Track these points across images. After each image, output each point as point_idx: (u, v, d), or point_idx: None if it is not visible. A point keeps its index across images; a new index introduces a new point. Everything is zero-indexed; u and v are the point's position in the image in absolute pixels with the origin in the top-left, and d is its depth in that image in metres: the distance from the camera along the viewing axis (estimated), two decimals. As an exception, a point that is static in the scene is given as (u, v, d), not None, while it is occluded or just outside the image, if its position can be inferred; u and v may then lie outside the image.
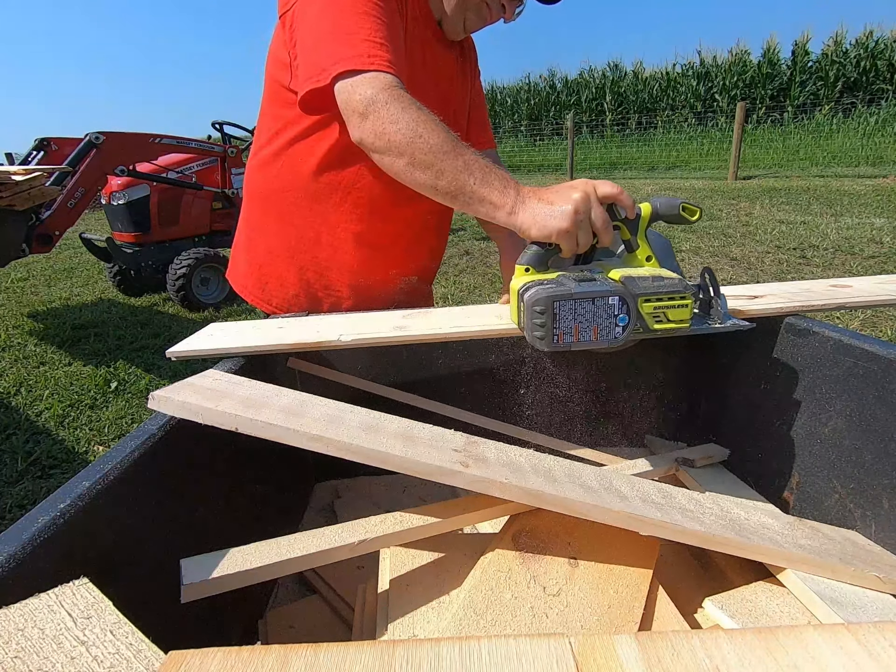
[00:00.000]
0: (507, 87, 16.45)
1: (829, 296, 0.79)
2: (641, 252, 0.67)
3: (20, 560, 0.35)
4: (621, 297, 0.61)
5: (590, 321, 0.61)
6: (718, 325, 0.68)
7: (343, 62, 0.72)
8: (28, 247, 3.18)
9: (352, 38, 0.72)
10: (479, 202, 0.68)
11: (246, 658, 0.32)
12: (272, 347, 0.70)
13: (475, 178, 0.68)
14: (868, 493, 0.63)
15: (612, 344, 0.63)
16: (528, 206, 0.66)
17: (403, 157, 0.69)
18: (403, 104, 0.70)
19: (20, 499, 1.77)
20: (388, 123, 0.69)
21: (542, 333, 0.61)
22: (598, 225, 0.64)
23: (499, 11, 0.90)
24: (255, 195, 1.01)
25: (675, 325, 0.64)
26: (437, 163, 0.68)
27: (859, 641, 0.34)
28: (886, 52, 11.67)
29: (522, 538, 0.55)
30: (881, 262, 3.81)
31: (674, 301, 0.63)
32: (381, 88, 0.70)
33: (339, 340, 0.69)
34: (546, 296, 0.60)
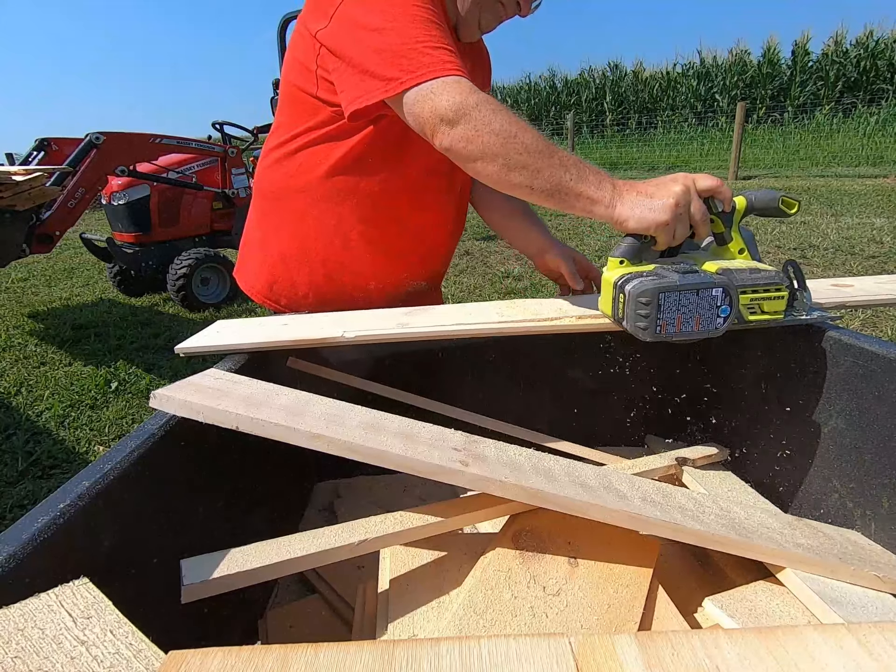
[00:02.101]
0: (507, 87, 16.46)
1: (829, 295, 0.79)
2: (734, 245, 0.68)
3: (20, 560, 0.35)
4: (725, 288, 0.63)
5: (692, 312, 0.63)
6: (805, 317, 0.69)
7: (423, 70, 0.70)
8: (28, 247, 3.18)
9: (424, 46, 0.71)
10: (577, 198, 0.68)
11: (246, 658, 0.32)
12: (277, 343, 0.70)
13: (571, 175, 0.68)
14: (868, 493, 0.63)
15: (713, 334, 0.65)
16: (626, 199, 0.66)
17: (497, 160, 0.69)
18: (493, 106, 0.69)
19: (20, 499, 1.77)
20: (481, 126, 0.68)
21: (646, 324, 0.63)
22: (697, 218, 0.65)
23: (514, 8, 0.88)
24: (268, 194, 1.00)
25: (769, 316, 0.66)
26: (532, 162, 0.68)
27: (859, 641, 0.34)
28: (886, 52, 11.66)
29: (522, 538, 0.55)
30: (881, 261, 3.81)
31: (769, 293, 0.65)
32: (468, 93, 0.69)
33: (342, 337, 0.69)
34: (653, 287, 0.61)
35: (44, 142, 3.54)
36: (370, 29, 0.75)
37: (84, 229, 5.12)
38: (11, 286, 4.81)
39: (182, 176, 3.97)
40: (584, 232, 5.43)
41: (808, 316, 0.69)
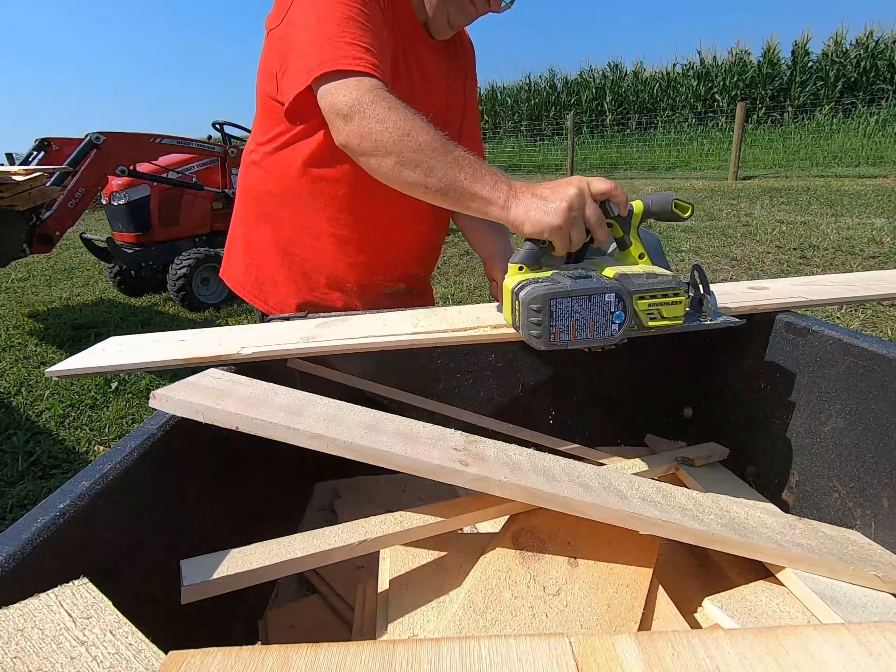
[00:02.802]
0: (507, 87, 16.44)
1: (745, 299, 0.78)
2: (634, 249, 0.67)
3: (20, 560, 0.35)
4: (618, 293, 0.61)
5: (586, 318, 0.61)
6: (709, 322, 0.68)
7: (327, 63, 0.71)
8: (29, 247, 3.18)
9: (336, 41, 0.72)
10: (471, 198, 0.67)
11: (246, 658, 0.32)
12: (164, 363, 0.66)
13: (466, 174, 0.67)
14: (868, 493, 0.63)
15: (608, 341, 0.63)
16: (521, 201, 0.65)
17: (391, 156, 0.68)
18: (390, 104, 0.69)
19: (21, 499, 1.77)
20: (374, 123, 0.68)
21: (539, 332, 0.61)
22: (592, 222, 0.64)
23: (483, 4, 0.87)
24: (247, 196, 1.02)
25: (669, 321, 0.64)
26: (426, 160, 0.67)
27: (860, 641, 0.34)
28: (886, 52, 11.66)
29: (522, 538, 0.55)
30: (881, 261, 3.81)
31: (668, 298, 0.63)
32: (366, 90, 0.70)
33: (238, 354, 0.67)
34: (543, 293, 0.59)
35: (44, 142, 3.54)
36: (299, 27, 0.77)
37: (84, 229, 5.12)
38: (11, 286, 4.82)
39: (182, 176, 3.97)
40: (584, 232, 5.42)
41: (713, 321, 0.68)
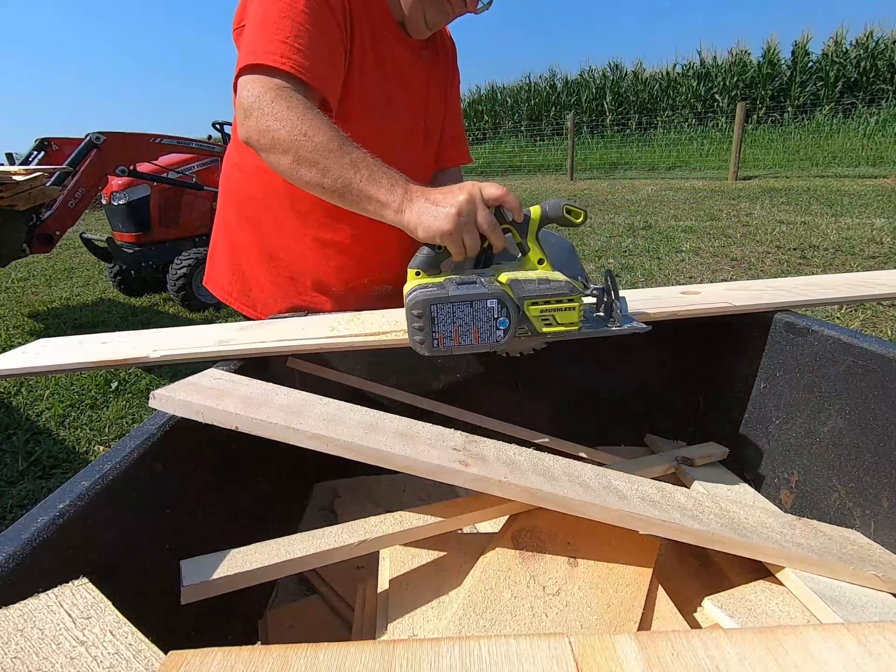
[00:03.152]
0: (507, 87, 16.44)
1: (676, 303, 0.78)
2: (533, 255, 0.65)
3: (20, 560, 0.35)
4: (500, 300, 0.61)
5: (469, 324, 0.61)
6: (615, 328, 0.68)
7: (249, 57, 0.72)
8: (29, 247, 3.18)
9: (268, 38, 0.73)
10: (367, 200, 0.67)
11: (246, 658, 0.32)
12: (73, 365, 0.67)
13: (361, 176, 0.67)
14: (868, 493, 0.63)
15: (494, 347, 0.63)
16: (414, 206, 0.65)
17: (288, 154, 0.69)
18: (290, 102, 0.69)
19: (20, 498, 1.77)
20: (271, 121, 0.69)
21: (422, 337, 0.61)
22: (484, 227, 0.63)
23: (460, 4, 0.87)
24: (229, 201, 1.00)
25: (564, 327, 0.64)
26: (322, 160, 0.67)
27: (859, 641, 0.34)
28: (886, 52, 11.66)
29: (522, 538, 0.55)
30: (881, 262, 3.81)
31: (561, 304, 0.63)
32: (269, 88, 0.70)
33: (148, 357, 0.67)
34: (423, 299, 0.60)
35: (44, 142, 3.54)
36: (247, 23, 0.78)
37: (84, 229, 5.12)
38: (11, 286, 4.81)
39: (182, 176, 3.97)
40: (585, 232, 5.43)
41: (620, 327, 0.68)
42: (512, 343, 0.64)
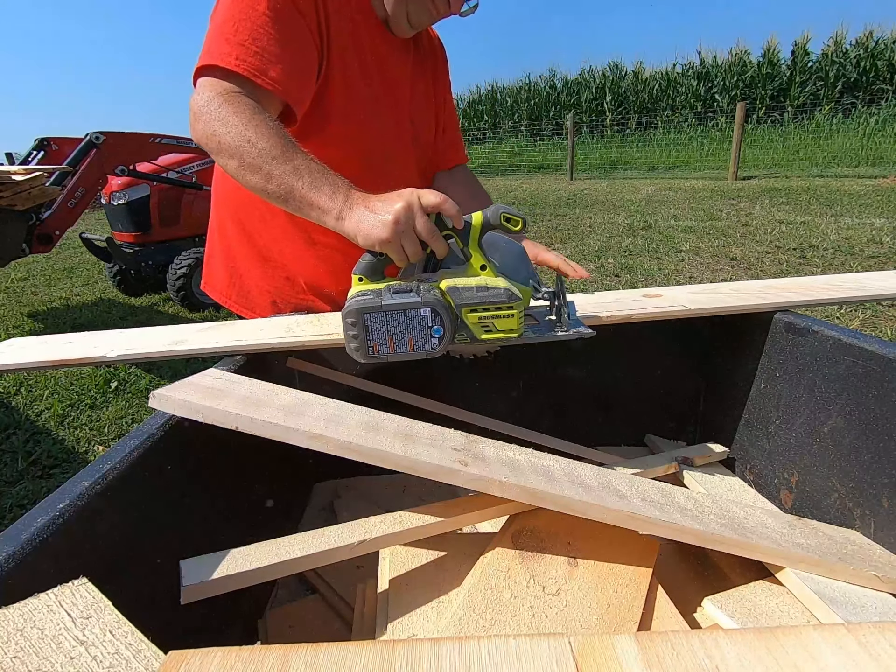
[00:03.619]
0: (507, 87, 16.45)
1: (636, 306, 0.78)
2: (475, 261, 0.65)
3: (20, 560, 0.35)
4: (433, 308, 0.61)
5: (404, 333, 0.62)
6: (561, 334, 0.68)
7: (204, 58, 0.72)
8: (28, 246, 3.18)
9: (227, 40, 0.73)
10: (309, 207, 0.68)
11: (246, 658, 0.32)
12: (33, 364, 0.68)
13: (304, 183, 0.68)
14: (868, 493, 0.63)
15: (430, 355, 0.64)
16: (354, 213, 0.65)
17: (234, 159, 0.70)
18: (236, 108, 0.70)
19: (20, 498, 1.77)
20: (218, 126, 0.70)
21: (357, 345, 0.62)
22: (424, 234, 0.63)
23: (444, 6, 0.87)
24: (223, 204, 1.00)
25: (503, 334, 0.64)
26: (265, 166, 0.68)
27: (859, 641, 0.34)
28: (886, 52, 11.67)
29: (522, 538, 0.55)
30: (881, 261, 3.81)
31: (500, 311, 0.63)
32: (219, 92, 0.71)
33: (105, 357, 0.67)
34: (356, 308, 0.60)
35: (43, 141, 3.54)
36: (211, 19, 0.78)
37: (84, 229, 5.11)
38: (11, 286, 4.81)
39: (182, 176, 3.97)
40: (584, 232, 5.43)
41: (564, 332, 0.68)
42: (455, 348, 0.64)
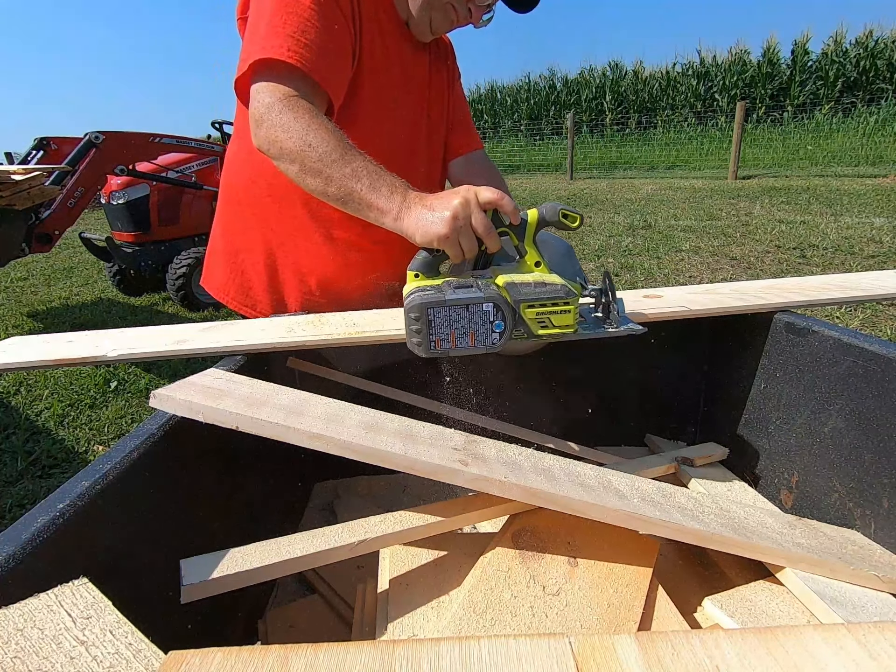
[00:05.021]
0: (506, 87, 16.43)
1: (635, 307, 0.78)
2: (530, 258, 0.66)
3: (20, 560, 0.35)
4: (495, 303, 0.62)
5: (465, 327, 0.62)
6: (612, 330, 0.69)
7: (262, 51, 0.73)
8: (28, 246, 3.17)
9: (277, 32, 0.74)
10: (368, 208, 0.70)
11: (246, 658, 0.32)
12: (39, 363, 0.68)
13: (363, 185, 0.69)
14: (868, 493, 0.63)
15: (491, 350, 0.64)
16: (412, 212, 0.67)
17: (295, 163, 0.72)
18: (297, 113, 0.71)
19: (20, 498, 1.77)
20: (279, 131, 0.71)
21: (419, 339, 0.62)
22: (480, 231, 0.64)
23: (465, 15, 0.89)
24: (233, 200, 1.00)
25: (560, 330, 0.64)
26: (325, 170, 0.70)
27: (859, 641, 0.34)
28: (886, 51, 11.66)
29: (522, 538, 0.55)
30: (881, 261, 3.81)
31: (557, 307, 0.63)
32: (279, 97, 0.72)
33: (105, 356, 0.68)
34: (420, 303, 0.61)
35: (43, 141, 3.54)
36: (253, 17, 0.79)
37: (83, 228, 5.11)
38: (10, 285, 4.81)
39: (181, 175, 3.97)
40: (585, 231, 5.43)
41: (615, 329, 0.68)
42: (509, 345, 0.64)
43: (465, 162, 1.10)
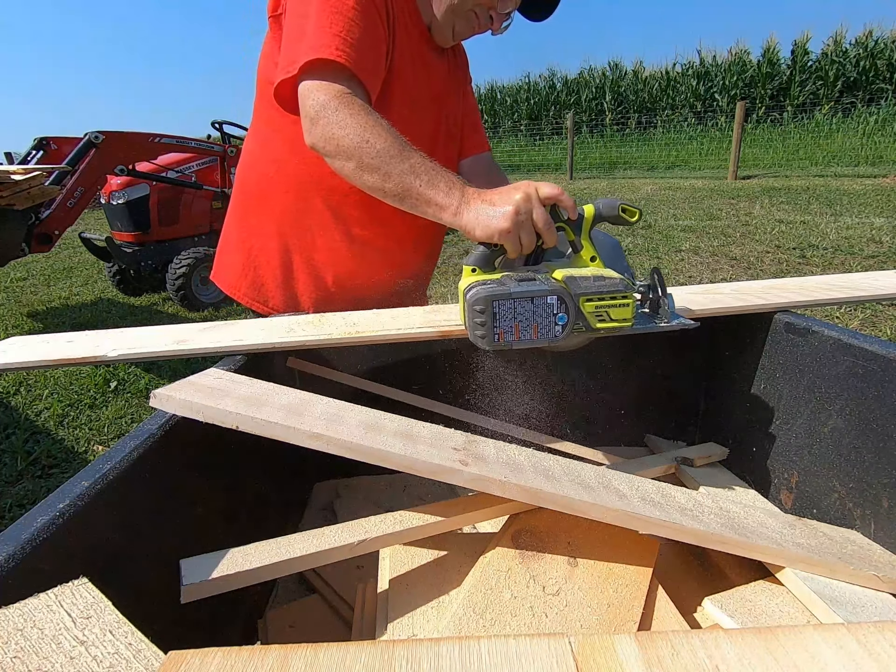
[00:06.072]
0: (506, 87, 16.44)
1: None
2: (586, 252, 0.67)
3: (20, 560, 0.35)
4: (559, 296, 0.62)
5: (529, 320, 0.63)
6: (664, 325, 0.69)
7: (311, 52, 0.73)
8: (27, 246, 3.18)
9: (324, 32, 0.74)
10: (426, 204, 0.70)
11: (246, 658, 0.32)
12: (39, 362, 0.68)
13: (421, 181, 0.69)
14: (867, 493, 0.63)
15: (553, 342, 0.64)
16: (471, 207, 0.67)
17: (352, 160, 0.72)
18: (353, 109, 0.72)
19: (20, 498, 1.77)
20: (336, 128, 0.71)
21: (483, 332, 0.62)
22: (540, 225, 0.65)
23: (486, 22, 0.90)
24: (248, 194, 1.00)
25: (617, 323, 0.65)
26: (383, 166, 0.70)
27: (859, 641, 0.34)
28: (886, 51, 11.67)
29: (522, 537, 0.55)
30: (881, 261, 3.81)
31: (615, 300, 0.64)
32: (334, 95, 0.72)
33: (106, 356, 0.68)
34: (485, 295, 0.61)
35: (43, 141, 3.54)
36: (294, 16, 0.79)
37: (83, 228, 5.11)
38: (10, 285, 4.81)
39: (181, 175, 3.97)
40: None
41: (667, 323, 0.69)
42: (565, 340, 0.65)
43: (473, 163, 1.10)
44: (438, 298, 3.59)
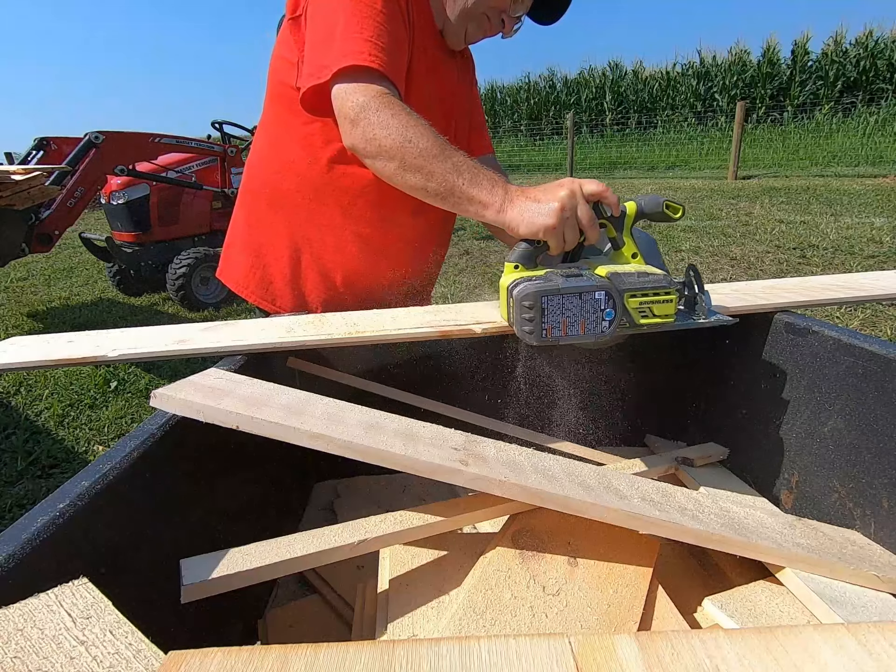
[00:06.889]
0: (506, 87, 16.43)
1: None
2: (627, 249, 0.68)
3: (20, 560, 0.35)
4: (607, 292, 0.63)
5: (577, 316, 0.63)
6: (703, 321, 0.69)
7: (344, 58, 0.73)
8: (28, 246, 3.18)
9: (355, 37, 0.74)
10: (469, 202, 0.70)
11: (246, 658, 0.32)
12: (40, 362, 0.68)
13: (464, 179, 0.70)
14: (867, 493, 0.63)
15: (599, 338, 0.65)
16: (516, 204, 0.67)
17: (394, 160, 0.72)
18: (394, 110, 0.72)
19: (20, 498, 1.77)
20: (378, 129, 0.71)
21: (531, 328, 0.63)
22: (584, 222, 0.66)
23: (498, 25, 0.91)
24: (258, 193, 1.00)
25: (660, 319, 0.65)
26: (426, 165, 0.70)
27: (859, 641, 0.34)
28: (886, 51, 11.66)
29: (522, 538, 0.55)
30: (881, 261, 3.81)
31: (659, 296, 0.64)
32: (373, 96, 0.72)
33: (106, 356, 0.68)
34: (534, 291, 0.61)
35: (43, 141, 3.54)
36: (320, 20, 0.79)
37: (83, 228, 5.11)
38: (10, 285, 4.81)
39: (181, 175, 3.97)
40: (584, 231, 5.42)
41: (705, 319, 0.69)
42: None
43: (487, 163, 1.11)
44: (439, 298, 3.59)
